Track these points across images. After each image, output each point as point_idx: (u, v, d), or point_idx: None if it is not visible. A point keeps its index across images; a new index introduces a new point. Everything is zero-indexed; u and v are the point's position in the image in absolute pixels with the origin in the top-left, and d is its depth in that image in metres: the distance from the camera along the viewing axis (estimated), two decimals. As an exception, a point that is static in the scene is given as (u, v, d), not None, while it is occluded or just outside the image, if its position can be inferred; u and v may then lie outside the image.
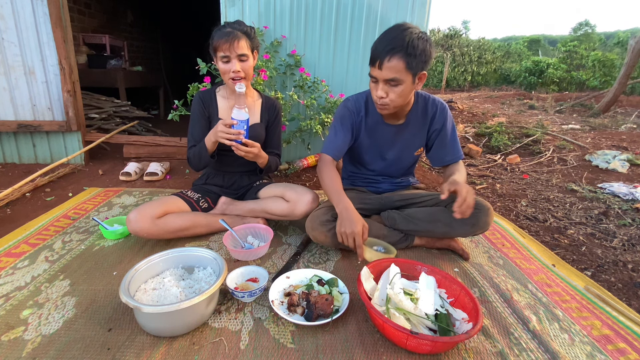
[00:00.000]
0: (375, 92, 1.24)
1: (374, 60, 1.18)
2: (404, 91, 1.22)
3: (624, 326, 1.09)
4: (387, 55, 1.14)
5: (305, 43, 2.48)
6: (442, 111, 1.41)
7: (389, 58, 1.14)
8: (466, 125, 4.63)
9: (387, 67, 1.15)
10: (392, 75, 1.17)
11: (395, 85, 1.20)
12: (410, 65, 1.15)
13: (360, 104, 1.43)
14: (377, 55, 1.17)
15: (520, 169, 3.04)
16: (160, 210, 1.38)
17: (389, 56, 1.14)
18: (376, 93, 1.24)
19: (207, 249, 1.16)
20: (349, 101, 1.45)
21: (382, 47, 1.15)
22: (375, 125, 1.44)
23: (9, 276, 1.20)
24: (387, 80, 1.19)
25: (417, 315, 0.97)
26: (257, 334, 0.98)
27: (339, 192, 1.31)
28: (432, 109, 1.41)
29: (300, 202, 1.46)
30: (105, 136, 2.69)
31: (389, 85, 1.20)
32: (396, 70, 1.15)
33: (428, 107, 1.41)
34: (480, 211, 1.31)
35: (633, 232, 1.86)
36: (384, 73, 1.17)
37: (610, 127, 4.87)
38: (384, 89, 1.21)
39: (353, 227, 1.18)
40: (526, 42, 18.10)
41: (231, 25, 1.39)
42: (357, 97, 1.45)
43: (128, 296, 0.90)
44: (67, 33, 2.35)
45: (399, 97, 1.23)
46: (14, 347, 0.90)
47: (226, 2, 2.35)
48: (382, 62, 1.15)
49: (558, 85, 10.94)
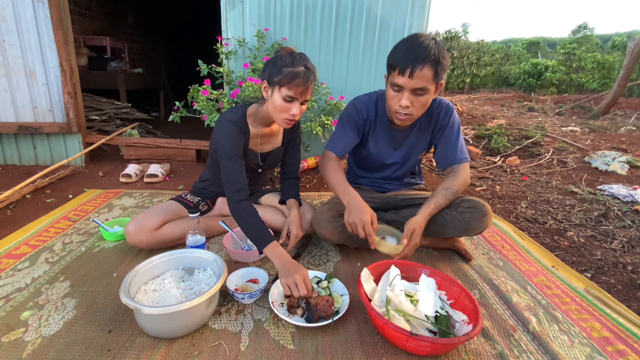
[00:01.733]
0: (399, 101, 1.21)
1: (403, 69, 1.15)
2: (428, 101, 1.22)
3: (623, 328, 1.09)
4: (420, 63, 1.12)
5: (306, 45, 2.49)
6: (446, 111, 1.39)
7: (421, 67, 1.13)
8: (466, 128, 4.64)
9: (419, 76, 1.14)
10: (422, 84, 1.15)
11: (422, 94, 1.19)
12: (437, 75, 1.16)
13: (370, 106, 1.41)
14: (407, 63, 1.14)
15: (520, 171, 3.05)
16: (158, 220, 1.35)
17: (421, 65, 1.12)
18: (401, 102, 1.20)
19: (208, 251, 1.16)
20: (359, 101, 1.42)
21: (413, 56, 1.13)
22: (382, 129, 1.43)
23: (9, 277, 1.20)
24: (415, 90, 1.17)
25: (417, 317, 0.97)
26: (257, 336, 0.98)
27: (345, 184, 1.29)
28: (437, 110, 1.39)
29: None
30: (105, 138, 2.70)
31: (415, 94, 1.19)
32: (426, 79, 1.15)
33: (434, 108, 1.39)
34: (472, 216, 1.31)
35: (633, 233, 1.86)
36: (414, 82, 1.15)
37: (609, 129, 4.87)
38: (409, 98, 1.19)
39: (362, 215, 1.17)
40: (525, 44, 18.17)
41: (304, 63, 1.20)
42: (368, 98, 1.43)
43: (128, 297, 0.90)
44: (68, 35, 2.36)
45: (423, 107, 1.23)
46: (14, 349, 0.90)
47: (227, 4, 2.36)
48: (414, 70, 1.13)
49: (557, 88, 10.97)
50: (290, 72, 1.17)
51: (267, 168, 1.55)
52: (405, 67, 1.14)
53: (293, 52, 1.25)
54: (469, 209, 1.32)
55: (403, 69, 1.15)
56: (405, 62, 1.14)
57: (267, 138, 1.46)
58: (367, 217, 1.17)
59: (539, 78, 11.30)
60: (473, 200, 1.34)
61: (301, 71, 1.18)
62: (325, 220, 1.35)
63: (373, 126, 1.43)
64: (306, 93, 1.21)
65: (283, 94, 1.20)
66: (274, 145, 1.49)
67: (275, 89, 1.22)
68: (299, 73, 1.17)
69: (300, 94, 1.19)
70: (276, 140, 1.50)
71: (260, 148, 1.46)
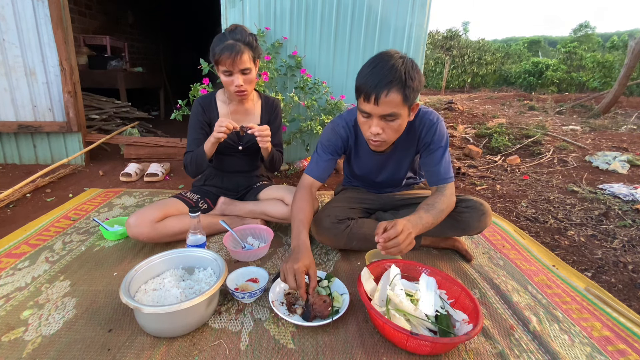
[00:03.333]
0: (369, 128, 1.13)
1: (368, 95, 1.06)
2: (401, 125, 1.13)
3: (624, 327, 1.09)
4: (384, 89, 1.03)
5: (306, 44, 2.49)
6: (429, 127, 1.26)
7: (386, 93, 1.03)
8: (466, 127, 4.64)
9: (385, 102, 1.04)
10: (390, 110, 1.06)
11: (392, 120, 1.09)
12: (406, 98, 1.05)
13: (350, 131, 1.35)
14: (371, 89, 1.04)
15: (521, 170, 3.04)
16: (159, 214, 1.37)
17: (386, 90, 1.03)
18: (370, 130, 1.12)
19: (208, 250, 1.16)
20: (338, 126, 1.35)
21: (376, 81, 1.03)
22: (364, 153, 1.39)
23: (10, 277, 1.20)
24: (384, 116, 1.09)
25: (417, 316, 0.97)
26: (257, 335, 0.98)
27: (300, 225, 1.19)
28: (419, 127, 1.28)
29: None
30: (106, 137, 2.70)
31: (385, 120, 1.10)
32: (394, 105, 1.05)
33: (415, 125, 1.28)
34: (471, 216, 1.30)
35: (633, 233, 1.86)
36: (380, 109, 1.06)
37: (610, 128, 4.87)
38: (379, 124, 1.11)
39: (294, 263, 1.03)
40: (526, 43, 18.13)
41: (233, 36, 1.34)
42: (346, 124, 1.35)
43: (128, 297, 0.90)
44: (68, 34, 2.36)
45: (396, 133, 1.15)
46: (14, 348, 0.90)
47: (227, 3, 2.36)
48: (379, 97, 1.04)
49: (558, 87, 10.95)
50: (217, 49, 1.33)
51: (248, 146, 1.54)
52: (370, 93, 1.05)
53: (225, 30, 1.39)
54: (468, 208, 1.32)
55: (368, 96, 1.06)
56: (369, 88, 1.05)
57: (243, 115, 1.56)
58: (300, 265, 1.02)
59: (540, 77, 11.28)
60: (472, 200, 1.33)
61: (226, 45, 1.31)
62: (324, 228, 1.34)
63: (354, 150, 1.40)
64: (238, 63, 1.32)
65: (221, 70, 1.36)
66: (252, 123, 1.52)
67: (217, 69, 1.39)
68: (223, 48, 1.31)
69: (231, 65, 1.32)
70: (253, 118, 1.58)
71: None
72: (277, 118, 1.63)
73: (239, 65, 1.33)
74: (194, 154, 1.44)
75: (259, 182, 1.69)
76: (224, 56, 1.31)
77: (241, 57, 1.32)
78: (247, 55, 1.34)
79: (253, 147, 1.53)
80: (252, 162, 1.65)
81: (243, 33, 1.36)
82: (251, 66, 1.38)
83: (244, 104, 1.55)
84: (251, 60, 1.37)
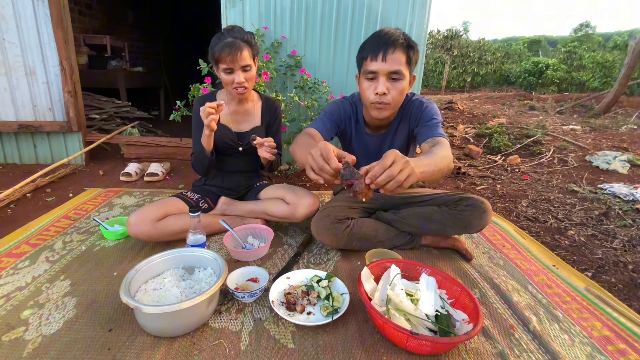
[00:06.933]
0: (375, 89, 1.17)
1: (375, 53, 1.14)
2: (404, 88, 1.19)
3: (624, 327, 1.09)
4: (391, 46, 1.12)
5: (306, 44, 2.49)
6: (419, 105, 1.31)
7: (393, 49, 1.12)
8: (466, 126, 4.63)
9: (392, 59, 1.13)
10: (396, 67, 1.14)
11: (398, 79, 1.16)
12: (409, 60, 1.15)
13: (353, 108, 1.41)
14: (379, 47, 1.13)
15: (521, 170, 3.04)
16: (160, 212, 1.38)
17: (393, 48, 1.12)
18: (377, 89, 1.16)
19: (208, 250, 1.16)
20: (344, 101, 1.42)
21: (383, 41, 1.13)
22: (360, 136, 1.42)
23: (10, 276, 1.20)
24: (390, 74, 1.15)
25: (418, 316, 0.97)
26: (258, 335, 0.98)
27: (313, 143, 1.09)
28: (409, 106, 1.35)
29: (300, 205, 1.46)
30: (106, 137, 2.70)
31: (390, 79, 1.17)
32: (400, 63, 1.14)
33: (405, 105, 1.35)
34: (472, 214, 1.31)
35: (634, 232, 1.86)
36: (388, 65, 1.13)
37: (610, 127, 4.86)
38: (385, 84, 1.16)
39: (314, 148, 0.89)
40: (526, 42, 18.11)
41: (232, 34, 1.36)
42: (350, 101, 1.42)
43: (129, 296, 0.90)
44: (68, 34, 2.36)
45: (400, 95, 1.20)
46: (14, 347, 0.90)
47: (227, 2, 2.36)
48: (387, 53, 1.12)
49: (558, 86, 10.95)
50: (217, 47, 1.34)
51: (248, 147, 1.55)
52: (377, 51, 1.13)
53: (223, 29, 1.40)
54: (468, 206, 1.32)
55: (375, 54, 1.14)
56: (376, 48, 1.14)
57: (243, 116, 1.57)
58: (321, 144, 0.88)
59: (540, 77, 11.28)
60: (472, 198, 1.34)
61: (225, 43, 1.32)
62: (324, 228, 1.35)
63: (355, 130, 1.42)
64: (238, 60, 1.34)
65: (221, 69, 1.37)
66: (252, 124, 1.57)
67: (217, 68, 1.40)
68: (223, 46, 1.32)
69: (232, 61, 1.33)
70: (253, 119, 1.58)
71: (238, 127, 1.56)
72: (277, 119, 1.63)
73: (239, 61, 1.35)
74: (197, 153, 1.47)
75: (260, 182, 1.69)
76: (224, 53, 1.32)
77: (241, 54, 1.34)
78: (246, 52, 1.36)
79: (253, 147, 1.53)
80: (252, 162, 1.65)
81: (241, 31, 1.39)
82: (251, 63, 1.40)
83: (244, 105, 1.56)
84: (251, 58, 1.40)
